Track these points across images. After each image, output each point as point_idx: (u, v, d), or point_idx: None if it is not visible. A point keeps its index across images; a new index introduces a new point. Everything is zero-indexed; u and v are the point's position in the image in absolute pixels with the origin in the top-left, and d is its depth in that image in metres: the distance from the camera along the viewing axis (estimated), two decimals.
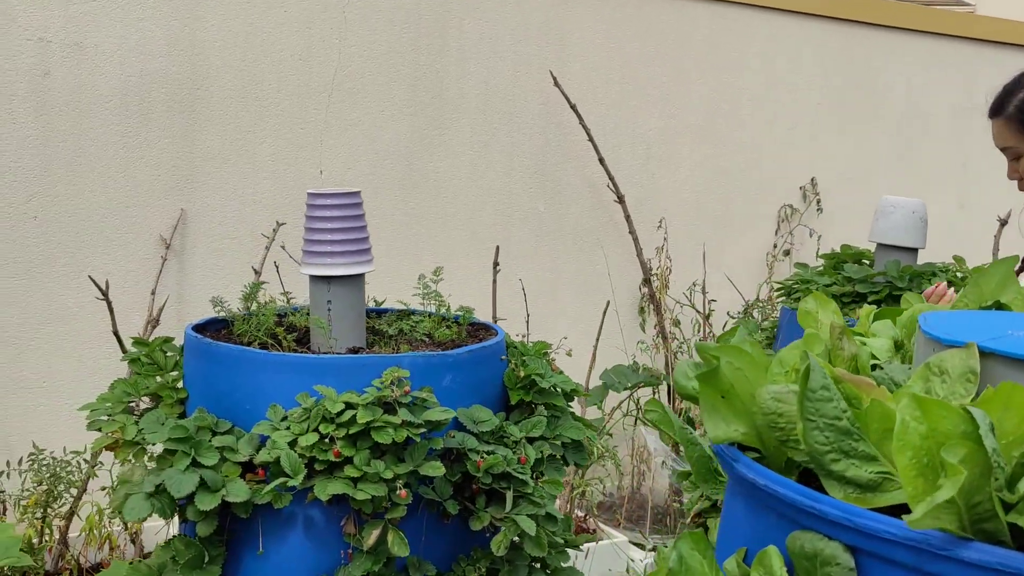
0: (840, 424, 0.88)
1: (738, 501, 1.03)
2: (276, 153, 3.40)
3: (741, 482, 0.99)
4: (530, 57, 3.79)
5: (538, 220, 3.90)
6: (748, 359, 0.98)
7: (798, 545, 0.89)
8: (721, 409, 1.01)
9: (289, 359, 1.90)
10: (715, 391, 1.00)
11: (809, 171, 4.44)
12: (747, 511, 1.00)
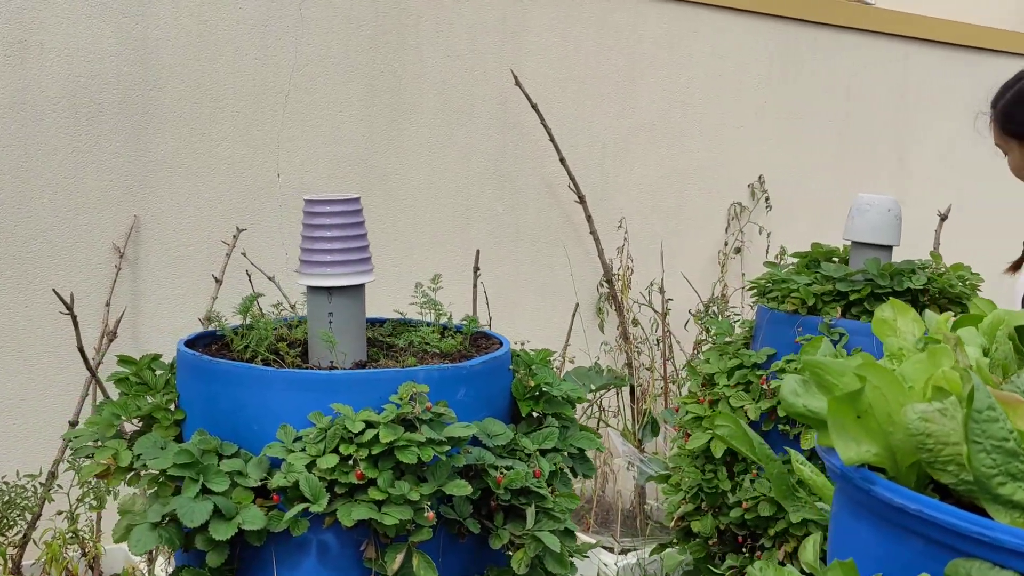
0: (1007, 445, 0.85)
1: (866, 525, 0.99)
2: (232, 156, 3.27)
3: (877, 505, 0.96)
4: (487, 56, 3.73)
5: (496, 221, 3.84)
6: (889, 377, 0.94)
7: (963, 573, 0.86)
8: (853, 430, 0.97)
9: (300, 376, 1.80)
10: (851, 411, 0.96)
11: (757, 169, 4.48)
12: (881, 536, 0.97)
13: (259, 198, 3.33)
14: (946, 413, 0.91)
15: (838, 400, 0.95)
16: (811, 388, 1.07)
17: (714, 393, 2.86)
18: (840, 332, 2.68)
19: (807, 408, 1.06)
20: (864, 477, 0.97)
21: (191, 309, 3.22)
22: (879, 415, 0.96)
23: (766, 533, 2.72)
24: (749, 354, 2.85)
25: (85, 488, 2.80)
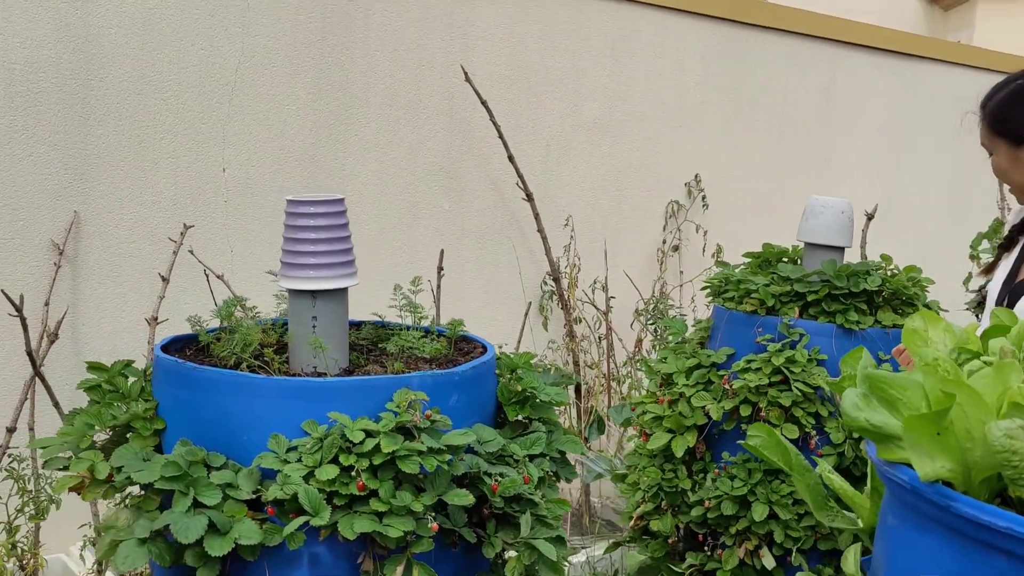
0: None
1: (938, 540, 1.00)
2: (176, 149, 3.15)
3: (954, 521, 0.97)
4: (434, 51, 3.68)
5: (443, 218, 3.80)
6: (973, 395, 0.95)
7: None
8: (929, 446, 0.98)
9: (293, 383, 1.74)
10: (932, 428, 0.96)
11: (694, 167, 4.53)
12: (956, 551, 0.98)
13: (204, 193, 3.22)
14: None
15: (920, 418, 0.96)
16: (872, 402, 1.08)
17: (673, 392, 2.88)
18: (800, 332, 2.73)
19: (869, 422, 1.07)
20: (941, 493, 0.97)
21: (134, 309, 3.10)
22: (958, 432, 0.97)
23: (727, 531, 2.76)
24: (708, 354, 2.88)
25: (25, 498, 2.67)
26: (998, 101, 2.14)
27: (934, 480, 0.99)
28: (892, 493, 1.09)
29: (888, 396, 1.06)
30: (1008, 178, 2.17)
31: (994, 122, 2.13)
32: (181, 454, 1.70)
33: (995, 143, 2.15)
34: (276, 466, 1.68)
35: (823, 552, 2.74)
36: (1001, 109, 2.12)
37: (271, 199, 3.35)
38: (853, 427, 1.08)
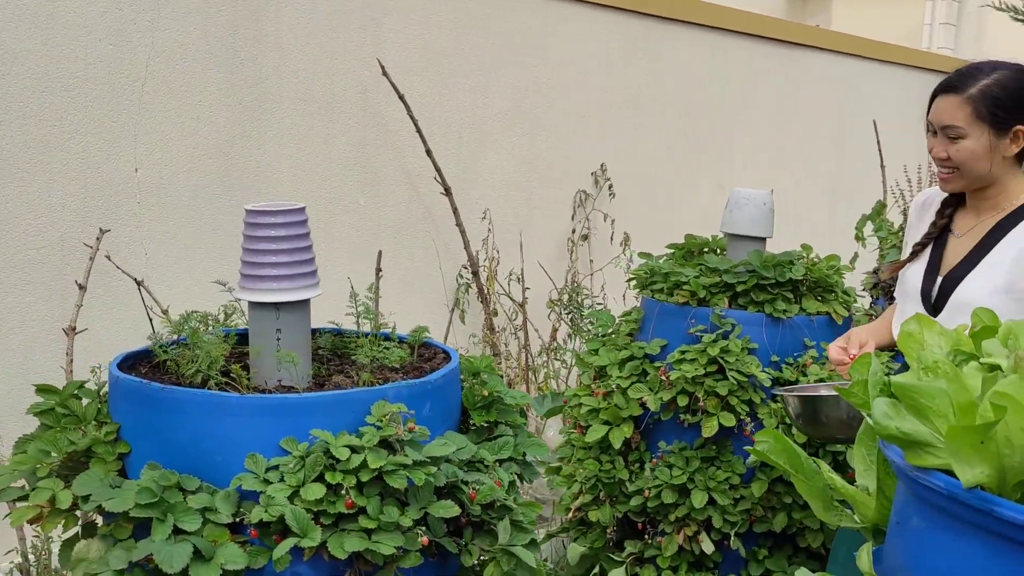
0: None
1: (976, 544, 1.05)
2: (86, 149, 3.01)
3: (996, 525, 1.02)
4: (347, 44, 3.61)
5: (359, 213, 3.74)
6: (1016, 405, 1.00)
7: None
8: (969, 454, 1.03)
9: (269, 401, 1.70)
10: (976, 437, 1.01)
11: (600, 157, 4.59)
12: (997, 555, 1.03)
13: (116, 195, 3.09)
14: None
15: (966, 428, 1.01)
16: (901, 411, 1.12)
17: (607, 385, 2.93)
18: (731, 322, 2.81)
19: (900, 430, 1.11)
20: (982, 498, 1.02)
21: (45, 319, 2.95)
22: (999, 439, 1.02)
23: (667, 519, 2.82)
24: (641, 345, 2.93)
25: None
26: (989, 88, 2.10)
27: (974, 486, 1.04)
28: (919, 497, 1.14)
29: (918, 404, 1.10)
30: (974, 165, 2.14)
31: (983, 108, 2.10)
32: (153, 479, 1.63)
33: (975, 127, 2.11)
34: (257, 487, 1.64)
35: (758, 535, 2.84)
36: (995, 96, 2.09)
37: (186, 199, 3.24)
38: (884, 436, 1.12)
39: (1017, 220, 2.16)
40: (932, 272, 2.26)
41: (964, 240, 2.24)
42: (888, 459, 1.22)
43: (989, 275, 2.14)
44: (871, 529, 1.35)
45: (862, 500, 1.36)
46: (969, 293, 2.14)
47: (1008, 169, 2.17)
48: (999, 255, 2.15)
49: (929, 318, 1.35)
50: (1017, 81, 2.11)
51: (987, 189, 2.19)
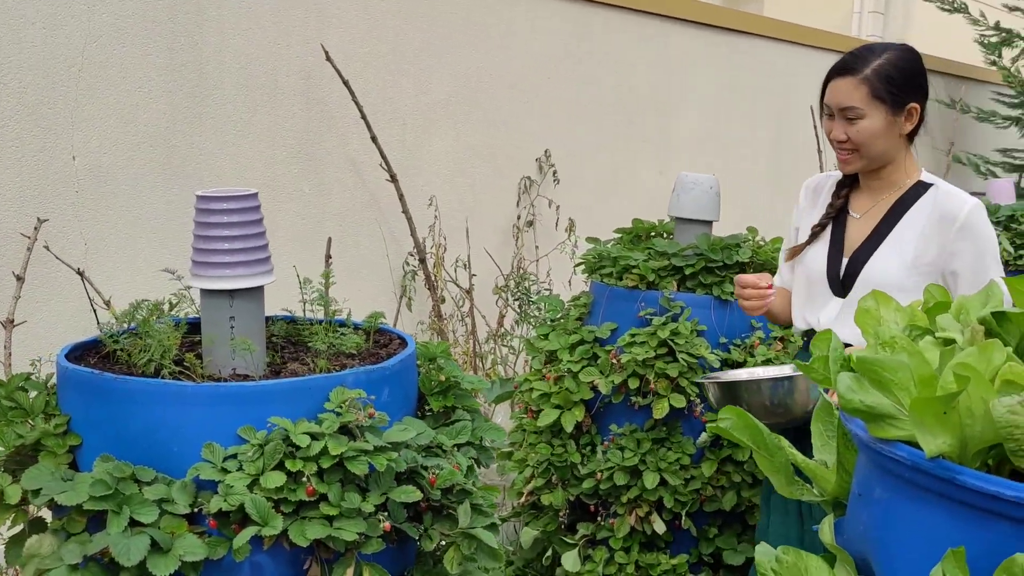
0: None
1: (939, 512, 1.08)
2: (20, 137, 2.92)
3: (958, 493, 1.04)
4: (290, 29, 3.56)
5: (303, 201, 3.70)
6: (977, 375, 1.03)
7: None
8: (932, 424, 1.05)
9: (227, 389, 1.67)
10: (940, 408, 1.03)
11: (543, 143, 4.60)
12: (959, 521, 1.05)
13: (53, 184, 3.01)
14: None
15: (929, 399, 1.03)
16: (864, 384, 1.14)
17: (558, 369, 2.94)
18: (680, 305, 2.83)
19: (863, 403, 1.13)
20: (945, 467, 1.05)
21: None
22: (961, 410, 1.04)
23: (619, 500, 2.85)
24: (591, 329, 2.95)
25: None
26: (882, 68, 2.16)
27: (937, 456, 1.06)
28: (883, 468, 1.16)
29: (881, 378, 1.12)
30: (874, 144, 2.19)
31: (879, 87, 2.15)
32: (107, 471, 1.60)
33: (873, 107, 2.16)
34: (215, 476, 1.61)
35: (708, 513, 2.88)
36: (888, 75, 2.15)
37: (126, 187, 3.17)
38: (847, 408, 1.14)
39: (916, 196, 2.23)
40: (836, 253, 2.30)
41: (865, 220, 2.29)
42: (850, 432, 1.24)
43: (896, 251, 2.20)
44: (831, 502, 1.37)
45: (822, 474, 1.38)
46: (878, 270, 2.19)
47: (903, 147, 2.25)
48: (903, 231, 2.21)
49: (885, 295, 1.37)
50: (908, 60, 2.19)
51: (883, 169, 2.26)
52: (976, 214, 2.14)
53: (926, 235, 2.17)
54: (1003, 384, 1.05)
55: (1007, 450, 1.03)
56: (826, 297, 2.30)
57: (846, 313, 2.23)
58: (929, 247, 2.16)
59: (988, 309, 1.34)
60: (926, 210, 2.20)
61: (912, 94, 2.17)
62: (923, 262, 2.17)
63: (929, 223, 2.17)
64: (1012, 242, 4.93)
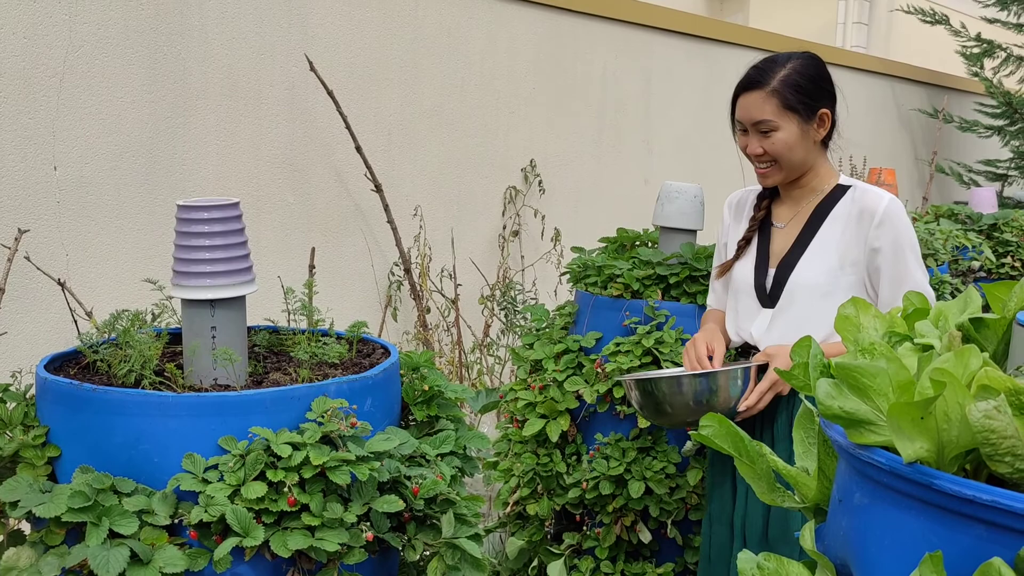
0: None
1: (915, 516, 1.08)
2: (1, 148, 2.91)
3: (935, 497, 1.04)
4: (274, 39, 3.56)
5: (287, 211, 3.69)
6: (954, 381, 1.03)
7: None
8: (910, 429, 1.05)
9: (210, 399, 1.66)
10: (917, 413, 1.03)
11: (528, 153, 4.60)
12: (936, 524, 1.05)
13: (34, 194, 2.99)
14: (1002, 410, 1.01)
15: (907, 405, 1.03)
16: (843, 391, 1.14)
17: (543, 379, 2.94)
18: (665, 314, 2.84)
19: (842, 410, 1.13)
20: (922, 472, 1.05)
21: None
22: (938, 415, 1.04)
23: (604, 510, 2.84)
24: (576, 338, 2.95)
25: None
26: (789, 77, 2.15)
27: (915, 461, 1.06)
28: (862, 474, 1.16)
29: (859, 384, 1.13)
30: (791, 155, 2.18)
31: (788, 97, 2.14)
32: (87, 482, 1.59)
33: (785, 118, 2.16)
34: (196, 487, 1.60)
35: (693, 522, 2.88)
36: (796, 84, 2.15)
37: (108, 198, 3.16)
38: (827, 415, 1.15)
39: (836, 199, 2.22)
40: (763, 265, 2.30)
41: (788, 229, 2.28)
42: (830, 439, 1.24)
43: (820, 256, 2.19)
44: (812, 508, 1.37)
45: (803, 481, 1.38)
46: (804, 277, 2.19)
47: (819, 154, 2.24)
48: (826, 235, 2.20)
49: (864, 302, 1.38)
50: (813, 67, 2.19)
51: (802, 177, 2.25)
52: (893, 208, 2.14)
53: (847, 235, 2.17)
54: (979, 389, 1.05)
55: (983, 455, 1.03)
56: (755, 309, 2.29)
57: (776, 324, 2.23)
58: (851, 247, 2.16)
59: (966, 315, 1.35)
60: (846, 211, 2.19)
61: (821, 100, 2.18)
62: (848, 263, 2.17)
63: (849, 222, 2.17)
64: (995, 250, 4.97)
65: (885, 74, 7.55)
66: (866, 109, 7.38)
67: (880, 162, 7.13)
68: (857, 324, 1.37)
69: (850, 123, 2.39)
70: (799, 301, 2.19)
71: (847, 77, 7.16)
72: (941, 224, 4.54)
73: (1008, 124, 7.66)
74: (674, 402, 2.17)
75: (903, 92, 7.85)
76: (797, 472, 1.40)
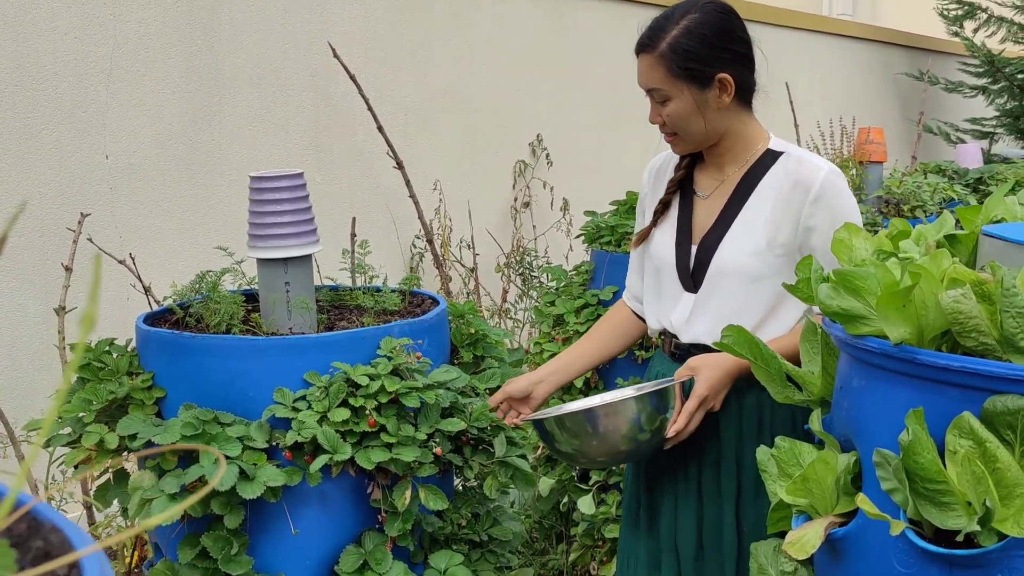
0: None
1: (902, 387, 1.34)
2: (59, 140, 3.16)
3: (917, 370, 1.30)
4: (297, 29, 3.80)
5: (315, 191, 3.93)
6: (928, 273, 1.29)
7: (1000, 405, 1.22)
8: (895, 316, 1.31)
9: (295, 341, 1.92)
10: (899, 303, 1.29)
11: (535, 128, 4.85)
12: (918, 392, 1.32)
13: (89, 181, 3.24)
14: (967, 296, 1.27)
15: (892, 295, 1.29)
16: (840, 292, 1.40)
17: (566, 331, 3.20)
18: None
19: (840, 307, 1.40)
20: (907, 351, 1.31)
21: (31, 301, 3.11)
22: (916, 303, 1.30)
23: None
24: (594, 292, 3.21)
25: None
26: (677, 41, 1.87)
27: (900, 342, 1.32)
28: (859, 360, 1.42)
29: (853, 286, 1.39)
30: (688, 126, 1.93)
31: (675, 65, 1.87)
32: (194, 415, 1.85)
33: (675, 87, 1.89)
34: (287, 415, 1.86)
35: None
36: (685, 49, 1.86)
37: (154, 182, 3.41)
38: (827, 312, 1.40)
39: (765, 168, 1.95)
40: (684, 241, 2.01)
41: (712, 200, 2.00)
42: (831, 335, 1.50)
43: (747, 235, 1.92)
44: (818, 401, 1.64)
45: (810, 380, 1.64)
46: (729, 260, 1.93)
47: (735, 118, 1.96)
48: (753, 210, 1.93)
49: (855, 227, 1.63)
50: (708, 24, 1.88)
51: (721, 144, 1.98)
52: (832, 180, 1.88)
53: (778, 211, 1.89)
54: (950, 281, 1.32)
55: (954, 333, 1.29)
56: (677, 292, 2.01)
57: (699, 310, 1.97)
58: (783, 225, 1.89)
59: (942, 233, 1.61)
60: (777, 182, 1.91)
61: (719, 63, 1.88)
62: (778, 243, 1.90)
63: (780, 196, 1.90)
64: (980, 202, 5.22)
65: (870, 39, 7.79)
66: (852, 75, 7.62)
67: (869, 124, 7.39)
68: (851, 246, 1.63)
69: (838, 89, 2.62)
70: (724, 286, 1.93)
71: (836, 44, 7.40)
72: (929, 178, 4.80)
73: (991, 83, 7.91)
74: (570, 441, 1.87)
75: (889, 56, 8.10)
76: (805, 372, 1.66)
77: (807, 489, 1.46)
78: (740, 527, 1.98)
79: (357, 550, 1.93)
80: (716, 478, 1.99)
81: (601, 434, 1.85)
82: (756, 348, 1.62)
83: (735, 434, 1.97)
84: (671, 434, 1.88)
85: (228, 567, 1.83)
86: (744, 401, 1.96)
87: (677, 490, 2.03)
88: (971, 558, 1.22)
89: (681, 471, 2.02)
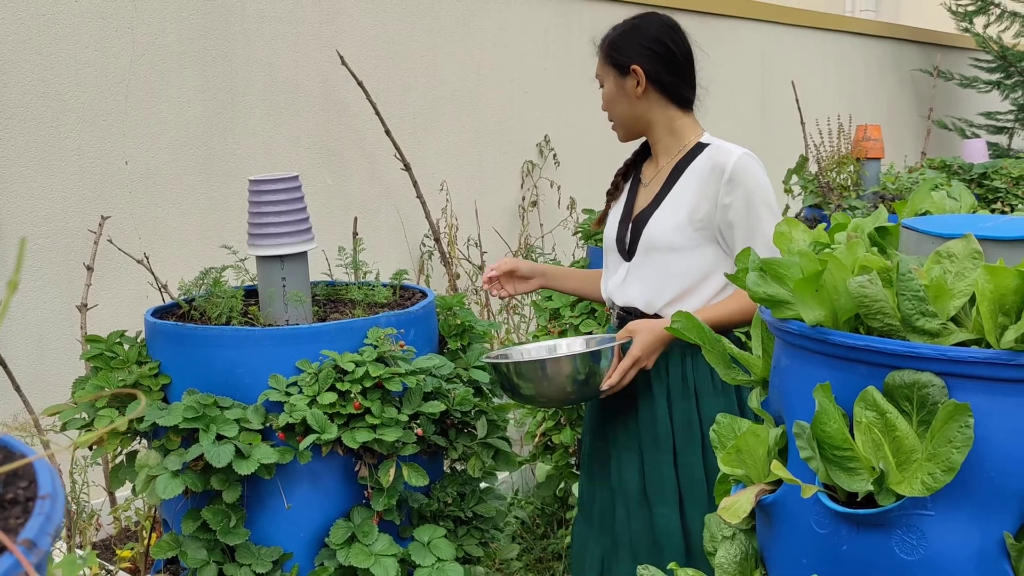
0: (920, 294, 1.36)
1: (819, 366, 1.47)
2: (80, 147, 3.35)
3: (831, 349, 1.44)
4: (307, 38, 3.97)
5: (327, 193, 4.12)
6: (837, 262, 1.42)
7: (899, 379, 1.36)
8: (811, 301, 1.45)
9: (289, 331, 2.08)
10: (813, 287, 1.43)
11: (542, 129, 5.00)
12: (832, 369, 1.45)
13: (109, 186, 3.43)
14: (873, 282, 1.40)
15: (805, 280, 1.43)
16: (767, 279, 1.54)
17: (562, 324, 3.35)
18: None
19: (766, 294, 1.53)
20: (820, 332, 1.45)
21: (54, 299, 3.30)
22: (828, 288, 1.44)
23: None
24: None
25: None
26: (611, 35, 2.27)
27: (815, 324, 1.46)
28: (784, 342, 1.56)
29: (778, 274, 1.52)
30: (612, 109, 2.27)
31: (610, 51, 2.24)
32: (195, 400, 2.02)
33: (605, 73, 2.26)
34: (280, 399, 2.02)
35: None
36: (615, 41, 2.24)
37: (171, 186, 3.59)
38: (755, 298, 1.54)
39: (691, 159, 2.23)
40: (625, 220, 2.32)
41: (651, 186, 2.30)
42: (764, 320, 1.64)
43: (671, 211, 2.20)
44: (760, 381, 1.77)
45: (753, 361, 1.78)
46: (655, 232, 2.21)
47: (660, 111, 2.25)
48: (680, 191, 2.20)
49: (795, 221, 1.77)
50: (634, 25, 2.25)
51: (653, 136, 2.29)
52: (743, 163, 2.14)
53: (699, 191, 2.17)
54: (861, 268, 1.45)
55: (863, 315, 1.42)
56: (618, 262, 2.33)
57: (632, 276, 2.27)
58: (702, 202, 2.16)
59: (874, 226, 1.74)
60: (700, 167, 2.20)
61: (633, 55, 2.20)
62: (697, 218, 2.16)
63: (701, 179, 2.18)
64: (985, 197, 5.30)
65: (888, 37, 7.86)
66: (869, 72, 7.70)
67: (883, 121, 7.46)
68: (790, 238, 1.76)
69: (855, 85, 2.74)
70: (653, 256, 2.22)
71: (850, 42, 7.48)
72: (927, 174, 4.88)
73: (1004, 77, 7.94)
74: (524, 385, 2.15)
75: (905, 53, 8.16)
76: (748, 355, 1.80)
77: (741, 460, 1.60)
78: (678, 476, 2.20)
79: (346, 524, 2.09)
80: (653, 430, 2.22)
81: (550, 379, 2.14)
82: (703, 333, 1.76)
83: (664, 391, 2.22)
84: (605, 387, 2.15)
85: (227, 538, 1.99)
86: (670, 362, 2.22)
87: (619, 442, 2.29)
88: (873, 516, 1.36)
89: (622, 426, 2.28)
